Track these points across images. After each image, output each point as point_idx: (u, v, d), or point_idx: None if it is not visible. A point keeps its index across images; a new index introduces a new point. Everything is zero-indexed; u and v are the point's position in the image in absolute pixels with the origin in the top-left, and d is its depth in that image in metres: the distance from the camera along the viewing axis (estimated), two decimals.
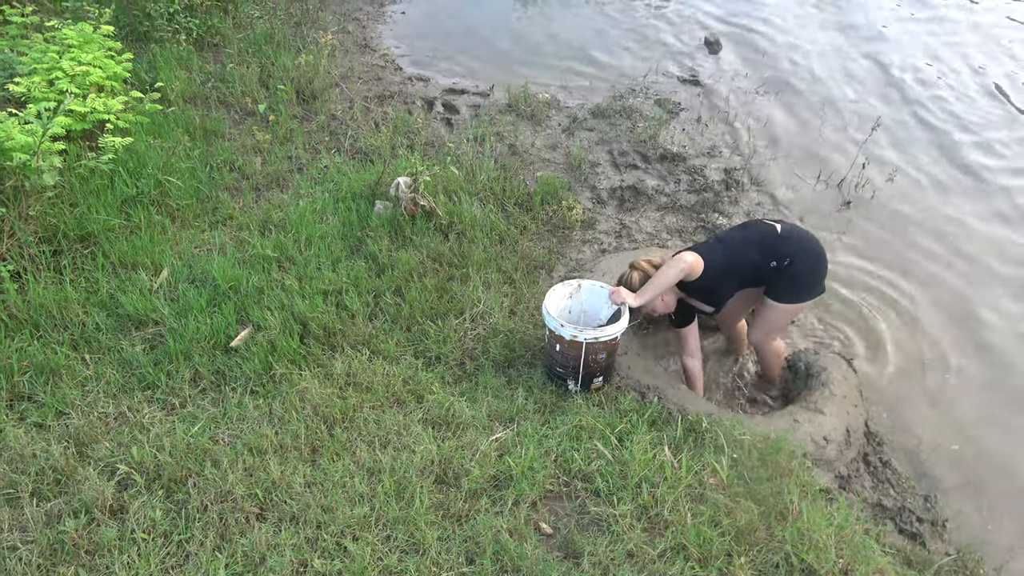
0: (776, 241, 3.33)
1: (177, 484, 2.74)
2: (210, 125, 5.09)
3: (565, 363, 3.20)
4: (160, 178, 4.28)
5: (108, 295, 3.63)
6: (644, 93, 5.96)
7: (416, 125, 5.34)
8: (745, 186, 4.98)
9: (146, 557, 2.46)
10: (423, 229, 4.16)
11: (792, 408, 3.49)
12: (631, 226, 4.56)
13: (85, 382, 3.24)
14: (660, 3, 7.47)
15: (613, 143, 5.32)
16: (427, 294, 3.73)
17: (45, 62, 4.47)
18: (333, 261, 3.92)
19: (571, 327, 3.10)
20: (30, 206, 3.75)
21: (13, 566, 2.42)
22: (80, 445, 2.90)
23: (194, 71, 5.63)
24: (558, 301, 3.39)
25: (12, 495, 2.69)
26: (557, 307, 3.38)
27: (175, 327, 3.46)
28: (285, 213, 4.31)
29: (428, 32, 7.02)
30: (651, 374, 3.48)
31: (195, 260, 3.90)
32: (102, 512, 2.62)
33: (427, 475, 2.79)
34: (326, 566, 2.42)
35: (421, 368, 3.36)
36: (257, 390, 3.22)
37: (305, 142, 5.11)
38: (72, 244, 3.85)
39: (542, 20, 7.19)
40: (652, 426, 3.10)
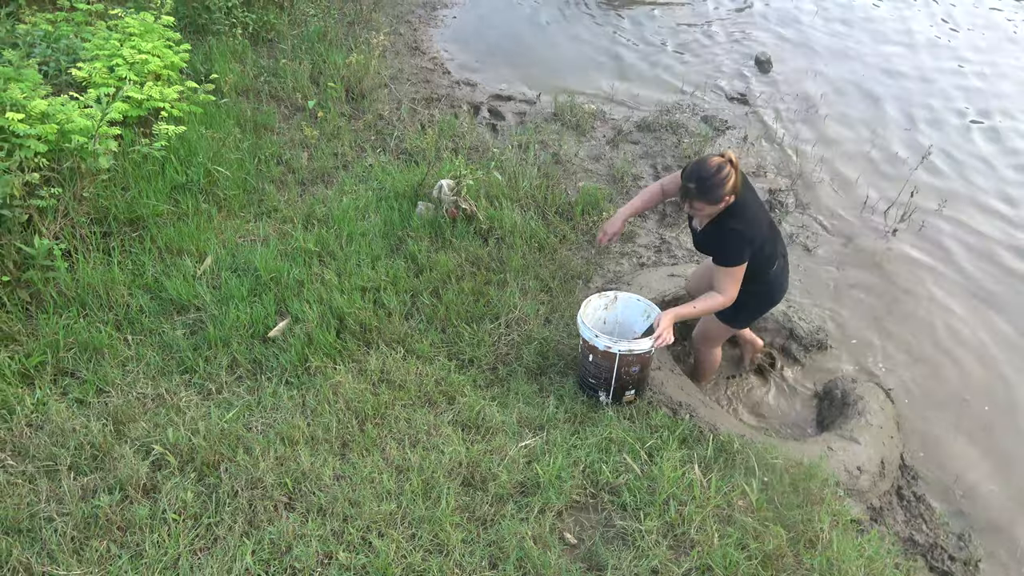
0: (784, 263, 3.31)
1: (209, 468, 2.78)
2: (260, 118, 5.18)
3: (598, 374, 3.19)
4: (210, 167, 4.36)
5: (153, 279, 3.71)
6: (691, 109, 5.93)
7: (461, 129, 5.38)
8: (790, 208, 4.93)
9: (176, 537, 2.50)
10: (463, 232, 4.18)
11: (827, 435, 3.44)
12: (671, 241, 4.53)
13: (126, 362, 3.31)
14: (712, 20, 7.44)
15: (657, 157, 5.30)
16: (464, 297, 3.75)
17: (107, 49, 4.59)
18: (373, 259, 3.95)
19: (606, 338, 3.09)
20: (84, 188, 3.84)
21: (49, 536, 2.48)
22: (118, 423, 2.96)
23: (248, 65, 5.73)
24: (594, 312, 3.37)
25: (51, 467, 2.76)
26: (592, 317, 3.37)
27: (216, 314, 3.52)
28: (328, 208, 4.37)
29: (478, 38, 7.07)
30: (684, 391, 3.45)
31: (239, 249, 3.97)
32: (135, 490, 2.67)
33: (455, 477, 2.80)
34: (351, 559, 2.44)
35: (454, 370, 3.37)
36: (292, 381, 3.26)
37: (352, 140, 5.17)
38: (121, 227, 3.94)
39: (593, 33, 7.20)
40: (683, 443, 3.07)
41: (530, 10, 7.59)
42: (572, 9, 7.63)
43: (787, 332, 4.01)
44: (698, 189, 2.90)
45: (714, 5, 7.76)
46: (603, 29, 7.25)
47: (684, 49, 6.91)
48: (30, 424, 2.95)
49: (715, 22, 7.39)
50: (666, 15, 7.52)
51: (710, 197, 2.91)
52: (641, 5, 7.71)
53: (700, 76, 6.44)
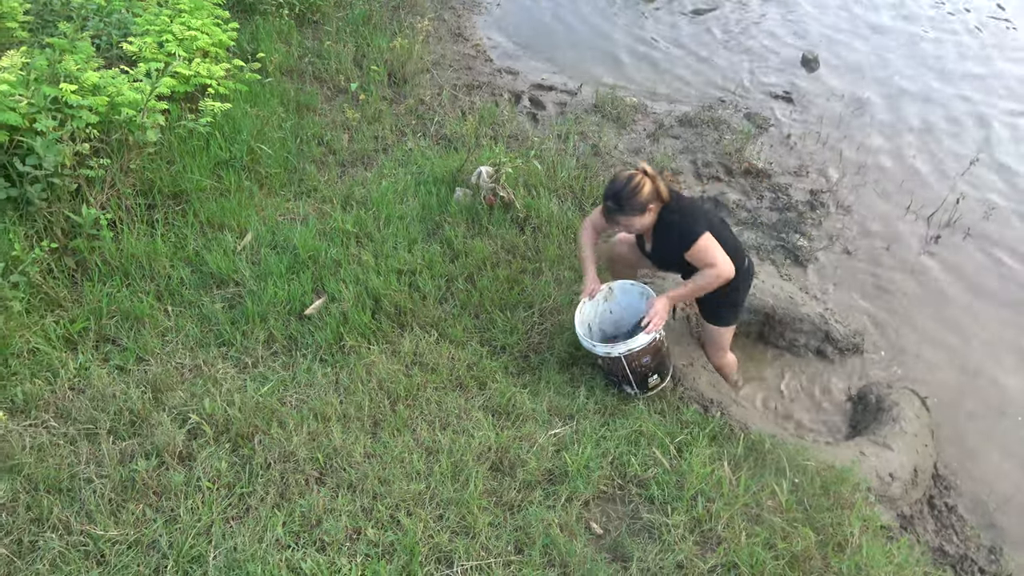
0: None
1: (244, 440, 2.83)
2: (303, 99, 5.23)
3: (614, 372, 3.21)
4: (253, 145, 4.42)
5: (194, 252, 3.77)
6: (734, 105, 5.86)
7: (502, 117, 5.38)
8: (830, 209, 4.86)
9: (209, 505, 2.55)
10: (500, 220, 4.19)
11: (859, 440, 3.40)
12: None
13: (165, 332, 3.37)
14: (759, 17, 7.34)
15: (698, 153, 5.25)
16: (498, 284, 3.76)
17: (157, 25, 4.66)
18: (410, 242, 3.98)
19: (603, 347, 3.10)
20: (131, 160, 3.91)
21: (88, 497, 2.54)
22: (156, 391, 3.02)
23: (293, 45, 5.78)
24: (593, 309, 3.39)
25: (91, 431, 2.83)
26: (594, 316, 3.40)
27: (254, 289, 3.57)
28: (367, 191, 4.40)
29: (522, 26, 7.06)
30: (716, 389, 3.43)
31: (278, 227, 4.02)
32: (171, 457, 2.72)
33: (483, 461, 2.81)
34: (379, 536, 2.47)
35: (486, 356, 3.39)
36: (326, 359, 3.30)
37: (392, 124, 5.19)
38: (166, 200, 4.01)
39: (638, 25, 7.14)
40: (713, 440, 3.06)
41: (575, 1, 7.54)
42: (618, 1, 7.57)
43: (823, 334, 3.96)
44: (616, 204, 3.00)
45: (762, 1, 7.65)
46: (649, 22, 7.19)
47: (730, 45, 6.83)
48: (73, 388, 3.03)
49: (763, 19, 7.29)
50: (714, 9, 7.43)
51: (631, 208, 3.00)
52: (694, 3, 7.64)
53: (745, 73, 6.36)
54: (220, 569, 2.33)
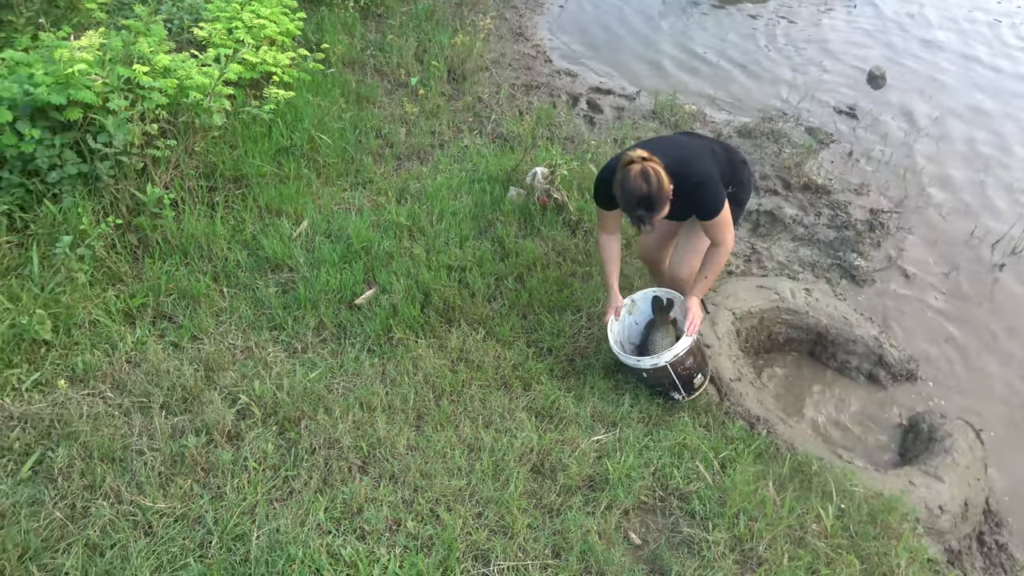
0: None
1: (290, 423, 2.87)
2: (364, 91, 5.29)
3: (660, 383, 3.19)
4: (313, 134, 4.48)
5: (252, 236, 3.84)
6: (795, 119, 5.76)
7: (558, 119, 5.37)
8: (890, 230, 4.74)
9: (255, 485, 2.59)
10: (552, 221, 4.18)
11: (909, 469, 3.30)
12: (762, 252, 4.42)
13: (220, 313, 3.44)
14: (829, 30, 7.20)
15: (755, 165, 5.17)
16: (548, 286, 3.75)
17: (227, 11, 4.76)
18: (461, 238, 3.99)
19: (649, 359, 3.09)
20: (196, 142, 4.00)
21: (139, 468, 2.61)
22: (209, 370, 3.09)
23: (356, 37, 5.86)
24: (621, 329, 3.39)
25: (145, 404, 2.90)
26: (621, 332, 3.39)
27: (307, 276, 3.62)
28: (422, 185, 4.43)
29: (583, 29, 7.03)
30: (763, 406, 3.37)
31: (333, 216, 4.07)
32: (220, 435, 2.78)
33: (524, 462, 2.81)
34: (418, 529, 2.48)
35: (532, 357, 3.39)
36: (374, 349, 3.33)
37: (450, 120, 5.22)
38: (226, 183, 4.09)
39: (701, 31, 7.07)
40: (758, 458, 3.01)
41: (640, 5, 7.50)
42: (685, 7, 7.51)
43: (876, 358, 3.87)
44: (648, 208, 2.83)
45: (833, 14, 7.51)
46: (713, 29, 7.11)
47: (795, 56, 6.71)
48: (129, 361, 3.11)
49: (832, 31, 7.15)
50: (781, 20, 7.31)
51: (662, 203, 2.83)
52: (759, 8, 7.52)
53: (808, 86, 6.24)
54: (263, 549, 2.37)
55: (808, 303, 4.00)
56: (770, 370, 3.83)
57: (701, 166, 2.99)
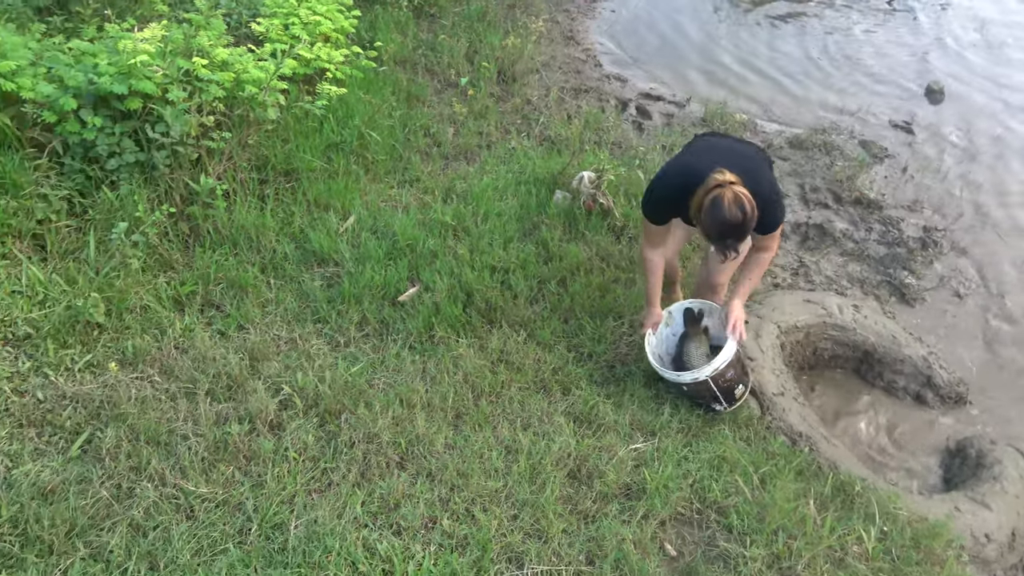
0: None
1: (331, 416, 2.90)
2: (414, 90, 5.33)
3: (701, 395, 3.16)
4: (363, 131, 4.53)
5: (300, 229, 3.90)
6: (849, 131, 5.65)
7: (607, 123, 5.34)
8: (944, 249, 4.62)
9: (294, 475, 2.63)
10: (597, 226, 4.16)
11: (955, 495, 3.22)
12: (810, 266, 4.35)
13: (266, 304, 3.50)
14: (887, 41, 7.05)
15: (806, 177, 5.09)
16: (590, 291, 3.73)
17: (285, 7, 4.83)
18: (505, 240, 4.00)
19: (688, 374, 3.08)
20: (250, 135, 4.07)
21: (183, 452, 2.66)
22: (253, 360, 3.14)
23: (409, 36, 5.90)
24: (658, 342, 3.36)
25: (191, 390, 2.96)
26: (658, 345, 3.37)
27: (352, 271, 3.66)
28: (468, 185, 4.45)
29: (635, 34, 7.00)
30: (806, 422, 3.31)
31: (380, 213, 4.11)
32: (263, 424, 2.82)
33: (561, 467, 2.80)
34: (454, 527, 2.49)
35: (572, 361, 3.38)
36: (416, 347, 3.35)
37: (498, 121, 5.24)
38: (277, 176, 4.16)
39: (756, 41, 6.97)
40: (799, 475, 2.96)
41: (692, 12, 7.43)
42: (737, 15, 7.42)
43: (924, 379, 3.77)
44: (739, 238, 2.75)
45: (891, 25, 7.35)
46: (767, 38, 7.01)
47: (851, 67, 6.58)
48: (177, 347, 3.17)
49: (890, 43, 7.00)
50: (838, 30, 7.18)
51: (751, 230, 2.77)
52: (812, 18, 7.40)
53: (864, 98, 6.12)
54: (300, 539, 2.40)
55: (856, 320, 3.92)
56: (814, 386, 3.76)
57: (768, 180, 2.94)
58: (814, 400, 3.69)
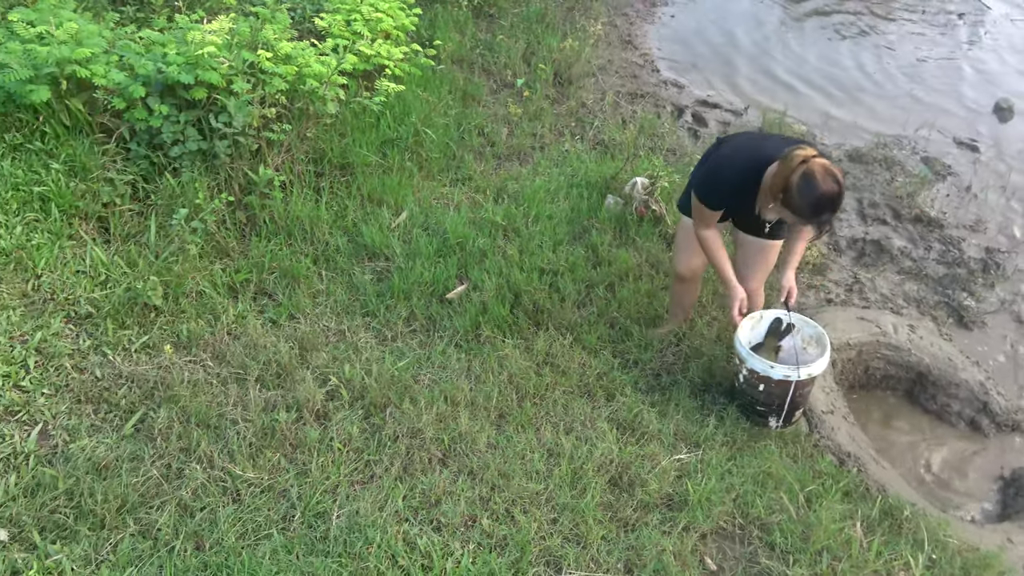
0: None
1: (376, 409, 2.93)
2: (470, 89, 5.36)
3: (769, 402, 3.07)
4: (419, 128, 4.57)
5: (352, 223, 3.95)
6: (911, 147, 5.51)
7: (662, 129, 5.30)
8: (1007, 272, 4.47)
9: (338, 465, 2.66)
10: (648, 233, 4.13)
11: (1008, 525, 3.12)
12: (865, 283, 4.25)
13: (317, 295, 3.55)
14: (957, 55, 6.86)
15: (865, 192, 4.97)
16: (639, 297, 3.70)
17: (348, 4, 4.90)
18: (555, 242, 3.99)
19: (782, 367, 2.96)
20: (308, 128, 4.14)
21: (231, 436, 2.72)
22: (303, 349, 3.19)
23: (467, 36, 5.93)
24: (746, 337, 3.19)
25: (241, 376, 3.02)
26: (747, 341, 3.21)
27: (402, 267, 3.70)
28: (520, 186, 4.45)
29: (693, 40, 6.93)
30: (855, 442, 3.24)
31: (431, 210, 4.14)
32: (309, 414, 2.86)
33: (603, 473, 2.78)
34: (493, 527, 2.50)
35: (617, 367, 3.35)
36: (462, 345, 3.36)
37: (552, 123, 5.23)
38: (333, 170, 4.21)
39: (819, 51, 6.85)
40: (846, 496, 2.89)
41: (752, 21, 7.33)
42: (797, 26, 7.30)
43: (980, 404, 3.66)
44: (835, 210, 2.64)
45: (960, 39, 7.15)
46: (831, 48, 6.88)
47: (917, 81, 6.42)
48: (230, 333, 3.24)
49: (959, 58, 6.80)
50: (905, 42, 7.01)
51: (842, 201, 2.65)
52: (873, 30, 7.24)
53: (928, 113, 5.96)
54: (342, 529, 2.43)
55: (911, 340, 3.82)
56: (864, 406, 3.67)
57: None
58: (864, 420, 3.60)
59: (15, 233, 3.21)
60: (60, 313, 3.06)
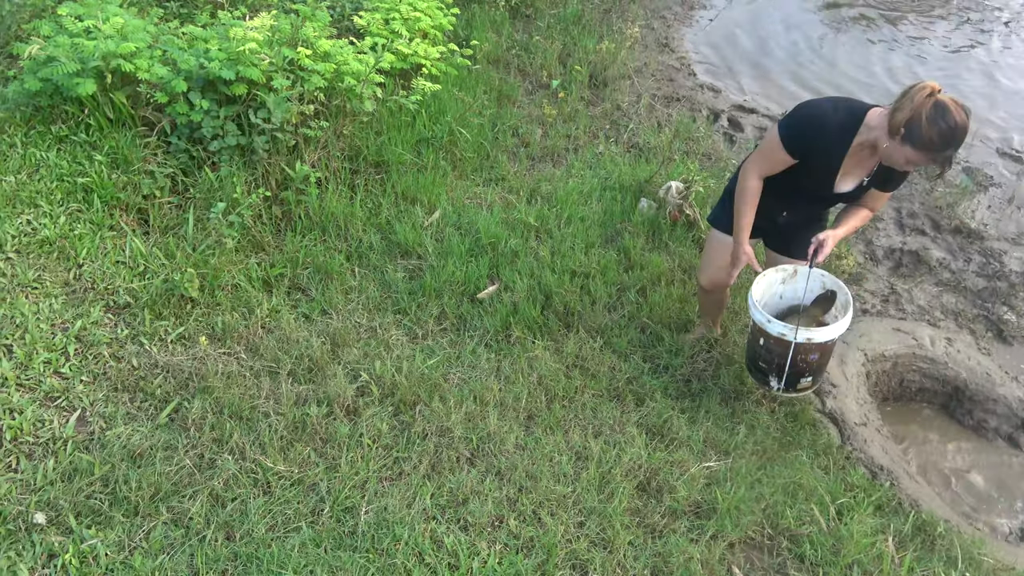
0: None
1: (406, 406, 2.95)
2: (505, 89, 5.36)
3: (769, 360, 2.95)
4: (454, 127, 4.58)
5: (386, 220, 3.97)
6: None
7: (697, 134, 5.26)
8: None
9: (367, 461, 2.68)
10: (681, 237, 4.10)
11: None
12: (902, 294, 4.18)
13: (349, 291, 3.57)
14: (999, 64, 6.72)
15: (904, 201, 4.89)
16: (670, 302, 3.68)
17: (386, 3, 4.94)
18: (587, 245, 3.98)
19: (780, 324, 2.80)
20: (345, 126, 4.17)
21: (263, 429, 2.75)
22: (335, 345, 3.21)
23: (503, 36, 5.94)
24: (768, 286, 3.06)
25: (274, 369, 3.05)
26: (766, 293, 3.07)
27: (434, 265, 3.71)
28: (553, 187, 4.45)
29: (731, 44, 6.86)
30: (888, 455, 3.18)
31: (464, 209, 4.15)
32: (340, 409, 2.89)
33: (631, 478, 2.77)
34: (520, 529, 2.49)
35: (647, 372, 3.34)
36: (492, 345, 3.37)
37: (587, 125, 5.22)
38: (368, 168, 4.24)
39: (859, 57, 6.75)
40: (878, 510, 2.84)
41: (791, 26, 7.24)
42: (836, 32, 7.20)
43: (1019, 421, 3.58)
44: (960, 145, 2.45)
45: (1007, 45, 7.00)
46: (872, 54, 6.77)
47: (957, 90, 6.29)
48: (263, 327, 3.28)
49: (1004, 67, 6.66)
50: (948, 50, 6.89)
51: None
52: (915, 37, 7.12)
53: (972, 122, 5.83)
54: (370, 524, 2.44)
55: (948, 353, 3.75)
56: (898, 419, 3.61)
57: None
58: (898, 433, 3.55)
59: (59, 222, 3.28)
60: (100, 302, 3.12)
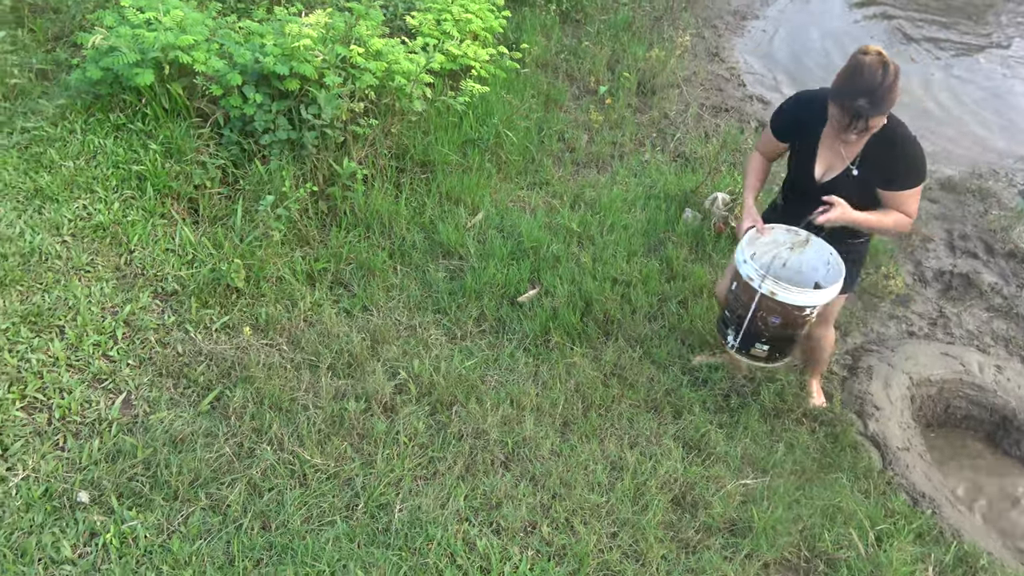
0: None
1: (443, 406, 2.95)
2: (553, 93, 5.36)
3: (735, 308, 2.82)
4: (500, 130, 4.59)
5: (429, 220, 3.99)
6: (1008, 178, 5.26)
7: (746, 145, 5.20)
8: None
9: (402, 459, 2.69)
10: (725, 249, 4.06)
11: None
12: (951, 317, 4.08)
13: (390, 289, 3.60)
14: None
15: (955, 223, 4.78)
16: (712, 315, 3.64)
17: (439, 4, 4.96)
18: (629, 253, 3.95)
19: (752, 267, 2.66)
20: (393, 124, 4.20)
21: (302, 421, 2.78)
22: (374, 341, 3.24)
23: (553, 40, 5.94)
24: (772, 242, 2.88)
25: (314, 363, 3.08)
26: (768, 244, 2.91)
27: (476, 267, 3.72)
28: (597, 194, 4.43)
29: (783, 56, 6.77)
30: (931, 483, 3.11)
31: (507, 212, 4.15)
32: (378, 405, 2.90)
33: (666, 491, 2.74)
34: (553, 536, 2.48)
35: (686, 385, 3.30)
36: (530, 349, 3.36)
37: (633, 132, 5.19)
38: (414, 167, 4.27)
39: (913, 73, 6.61)
40: (918, 538, 2.78)
41: (845, 40, 7.12)
42: (890, 50, 7.06)
43: None
44: (871, 103, 2.36)
45: None
46: (925, 71, 6.64)
47: (1014, 111, 6.14)
48: (305, 320, 3.31)
49: None
50: (1005, 68, 6.71)
51: (888, 103, 2.39)
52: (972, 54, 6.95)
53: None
54: (403, 523, 2.45)
55: (997, 381, 3.65)
56: (942, 445, 3.52)
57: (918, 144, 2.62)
58: (942, 460, 3.46)
59: (113, 208, 3.35)
60: (148, 288, 3.18)
